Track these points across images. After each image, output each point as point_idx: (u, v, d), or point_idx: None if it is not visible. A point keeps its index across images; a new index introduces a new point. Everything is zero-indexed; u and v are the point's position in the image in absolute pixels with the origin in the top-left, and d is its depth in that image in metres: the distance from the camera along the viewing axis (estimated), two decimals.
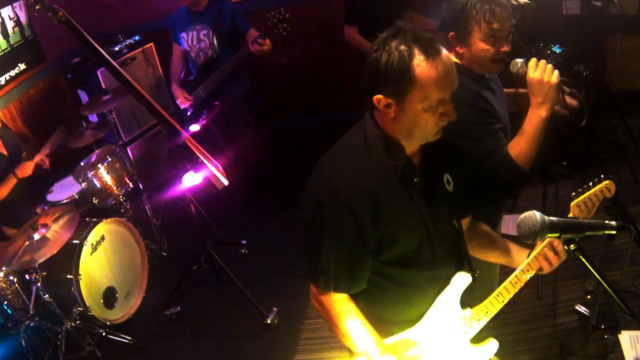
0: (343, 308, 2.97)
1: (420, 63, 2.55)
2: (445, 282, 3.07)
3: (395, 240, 2.84)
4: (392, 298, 3.06)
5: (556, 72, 3.31)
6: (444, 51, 2.62)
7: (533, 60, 3.35)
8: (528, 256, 3.01)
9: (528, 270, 2.98)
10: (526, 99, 3.49)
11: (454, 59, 3.30)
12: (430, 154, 2.91)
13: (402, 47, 2.57)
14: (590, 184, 3.06)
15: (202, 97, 7.25)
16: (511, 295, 3.03)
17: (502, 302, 3.06)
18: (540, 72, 3.31)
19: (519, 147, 3.40)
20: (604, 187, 3.04)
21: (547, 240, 2.90)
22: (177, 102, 7.40)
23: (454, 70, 2.65)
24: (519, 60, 3.42)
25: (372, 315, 3.04)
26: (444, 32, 3.49)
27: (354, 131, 2.95)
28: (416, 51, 2.56)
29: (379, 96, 2.64)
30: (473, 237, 3.30)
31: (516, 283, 3.01)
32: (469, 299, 3.14)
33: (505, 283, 3.03)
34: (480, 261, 3.39)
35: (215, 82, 7.13)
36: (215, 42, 7.15)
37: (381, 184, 2.76)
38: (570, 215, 2.95)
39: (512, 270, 3.05)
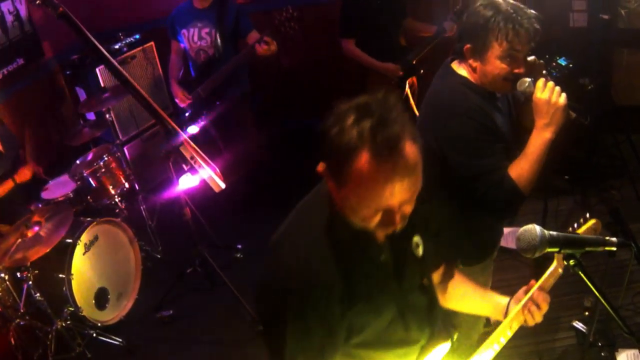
0: None
1: (363, 163, 2.11)
2: (421, 353, 2.78)
3: (364, 326, 2.52)
4: None
5: (564, 94, 3.25)
6: (406, 151, 2.13)
7: (541, 81, 3.27)
8: (506, 314, 2.89)
9: (511, 326, 2.89)
10: (529, 118, 3.45)
11: (464, 72, 3.40)
12: None
13: (354, 138, 2.12)
14: (575, 225, 2.99)
15: (201, 97, 7.19)
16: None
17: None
18: (548, 93, 3.23)
19: (521, 169, 3.36)
20: (590, 227, 2.99)
21: (528, 297, 2.84)
22: (176, 101, 7.36)
23: (410, 177, 2.17)
24: (527, 80, 3.32)
25: None
26: (460, 42, 3.49)
27: (308, 210, 2.62)
28: (367, 148, 2.10)
29: (325, 173, 2.32)
30: (448, 289, 3.13)
31: (499, 337, 2.91)
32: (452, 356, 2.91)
33: (488, 342, 2.93)
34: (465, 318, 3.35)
35: (216, 82, 7.07)
36: (217, 40, 7.09)
37: (347, 271, 2.39)
38: (555, 263, 2.89)
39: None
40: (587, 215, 2.98)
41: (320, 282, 2.35)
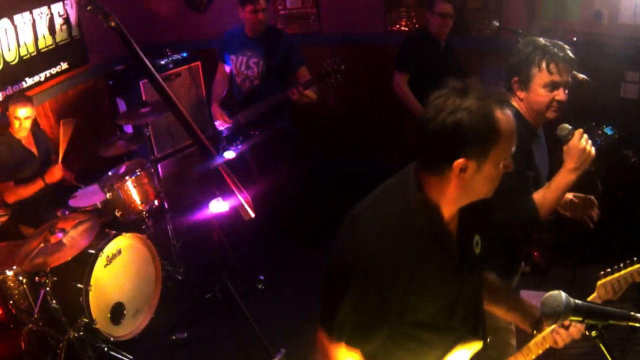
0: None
1: (501, 117, 2.54)
2: (455, 343, 3.00)
3: (418, 307, 2.78)
4: (402, 352, 2.98)
5: (593, 147, 3.71)
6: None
7: (580, 130, 3.71)
8: (538, 329, 3.02)
9: (542, 344, 3.00)
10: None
11: (515, 105, 3.78)
12: (465, 217, 2.87)
13: (481, 103, 2.52)
14: (622, 265, 3.10)
15: (241, 123, 7.23)
16: None
17: None
18: (585, 142, 3.69)
19: (544, 198, 3.79)
20: (635, 270, 3.05)
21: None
22: (215, 122, 7.40)
23: None
24: (568, 126, 3.74)
25: None
26: (509, 77, 3.89)
27: (393, 190, 2.86)
28: (494, 106, 2.54)
29: (460, 160, 2.54)
30: (487, 292, 3.30)
31: (527, 354, 3.04)
32: None
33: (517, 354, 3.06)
34: (497, 326, 3.46)
35: (257, 113, 7.12)
36: (263, 72, 7.16)
37: (417, 255, 2.68)
38: (595, 295, 2.95)
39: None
40: (635, 258, 3.06)
41: (388, 256, 2.63)
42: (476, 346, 3.08)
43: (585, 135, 3.70)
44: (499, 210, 3.31)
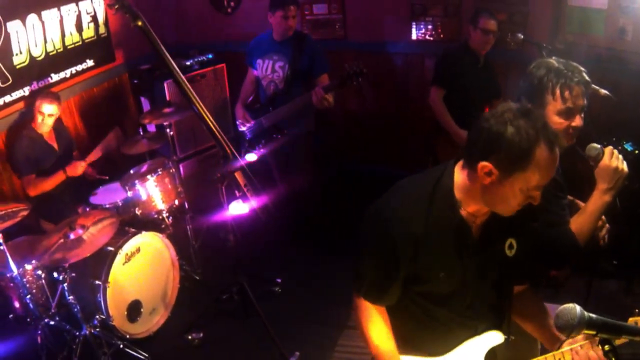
0: (373, 314, 3.27)
1: (542, 152, 2.67)
2: (477, 332, 3.22)
3: (428, 281, 3.07)
4: (419, 325, 3.28)
5: (625, 162, 3.57)
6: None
7: (610, 148, 3.59)
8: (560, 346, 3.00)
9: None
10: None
11: None
12: (498, 218, 3.02)
13: (532, 131, 2.67)
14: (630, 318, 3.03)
15: (263, 126, 7.25)
16: None
17: None
18: (617, 161, 3.55)
19: (580, 225, 3.63)
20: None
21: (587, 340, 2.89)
22: (237, 121, 7.45)
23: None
24: (597, 146, 3.61)
25: (399, 332, 3.31)
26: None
27: (432, 172, 3.12)
28: (542, 139, 2.67)
29: (486, 163, 2.74)
30: (519, 303, 3.40)
31: None
32: (495, 358, 3.28)
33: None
34: (524, 331, 3.50)
35: (279, 116, 7.14)
36: (289, 76, 7.15)
37: (432, 233, 2.96)
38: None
39: None
40: (637, 310, 3.00)
41: (404, 229, 2.96)
42: (497, 341, 3.24)
43: (616, 152, 3.60)
44: (542, 245, 3.37)
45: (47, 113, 6.48)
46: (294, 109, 7.02)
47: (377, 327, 3.25)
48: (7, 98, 6.79)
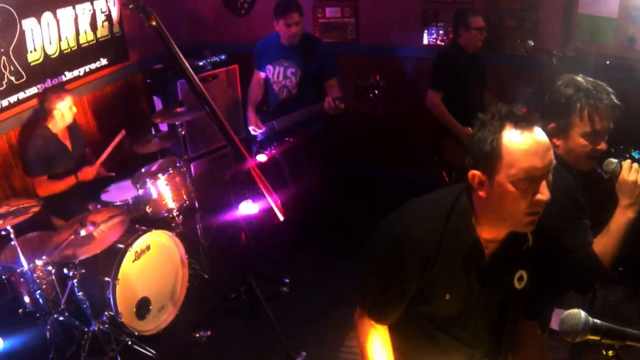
0: (374, 333, 3.19)
1: (509, 134, 2.58)
2: (471, 358, 3.14)
3: (432, 301, 2.98)
4: (417, 345, 3.21)
5: None
6: (538, 128, 2.63)
7: (628, 162, 3.43)
8: None
9: None
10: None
11: None
12: (510, 245, 2.92)
13: (495, 122, 2.62)
14: None
15: (275, 129, 7.23)
16: None
17: None
18: (635, 174, 3.38)
19: (605, 246, 3.44)
20: None
21: None
22: (249, 127, 7.41)
23: (549, 148, 2.63)
24: (614, 160, 3.46)
25: (399, 349, 3.25)
26: (542, 122, 3.52)
27: (451, 191, 3.00)
28: (507, 124, 2.60)
29: (473, 171, 2.69)
30: (523, 345, 3.30)
31: None
32: None
33: None
34: None
35: (292, 120, 7.13)
36: (301, 82, 7.14)
37: (444, 251, 2.85)
38: None
39: None
40: None
41: (416, 245, 2.85)
42: None
43: (635, 165, 3.43)
44: (565, 269, 3.31)
45: (67, 107, 6.50)
46: (307, 114, 7.02)
47: (378, 348, 3.18)
48: (21, 95, 6.79)
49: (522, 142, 2.56)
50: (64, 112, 6.50)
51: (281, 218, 5.55)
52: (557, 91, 3.52)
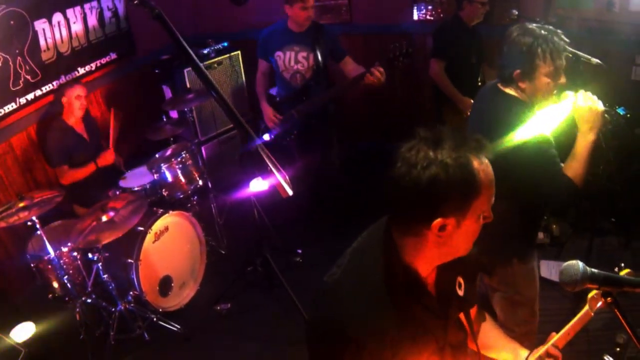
0: None
1: (479, 167, 2.19)
2: None
3: None
4: None
5: (599, 101, 3.71)
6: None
7: (581, 92, 3.74)
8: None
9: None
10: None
11: (514, 93, 3.85)
12: (443, 266, 2.50)
13: (456, 154, 2.16)
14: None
15: (295, 119, 6.99)
16: None
17: None
18: (589, 100, 3.69)
19: (574, 169, 3.71)
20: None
21: (544, 348, 2.83)
22: (265, 120, 7.17)
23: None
24: (569, 93, 3.79)
25: None
26: (508, 70, 3.86)
27: (370, 256, 2.49)
28: (471, 156, 2.18)
29: (439, 220, 2.20)
30: (481, 332, 3.10)
31: None
32: None
33: None
34: None
35: (314, 106, 6.92)
36: (314, 65, 6.94)
37: (403, 321, 2.35)
38: (586, 307, 2.82)
39: None
40: (622, 265, 2.99)
41: (376, 330, 2.29)
42: None
43: (588, 93, 3.72)
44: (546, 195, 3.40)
45: (81, 96, 6.53)
46: (327, 98, 6.95)
47: None
48: (38, 92, 6.78)
49: (490, 171, 2.26)
50: (75, 101, 6.52)
51: (290, 192, 5.54)
52: (516, 41, 3.76)
